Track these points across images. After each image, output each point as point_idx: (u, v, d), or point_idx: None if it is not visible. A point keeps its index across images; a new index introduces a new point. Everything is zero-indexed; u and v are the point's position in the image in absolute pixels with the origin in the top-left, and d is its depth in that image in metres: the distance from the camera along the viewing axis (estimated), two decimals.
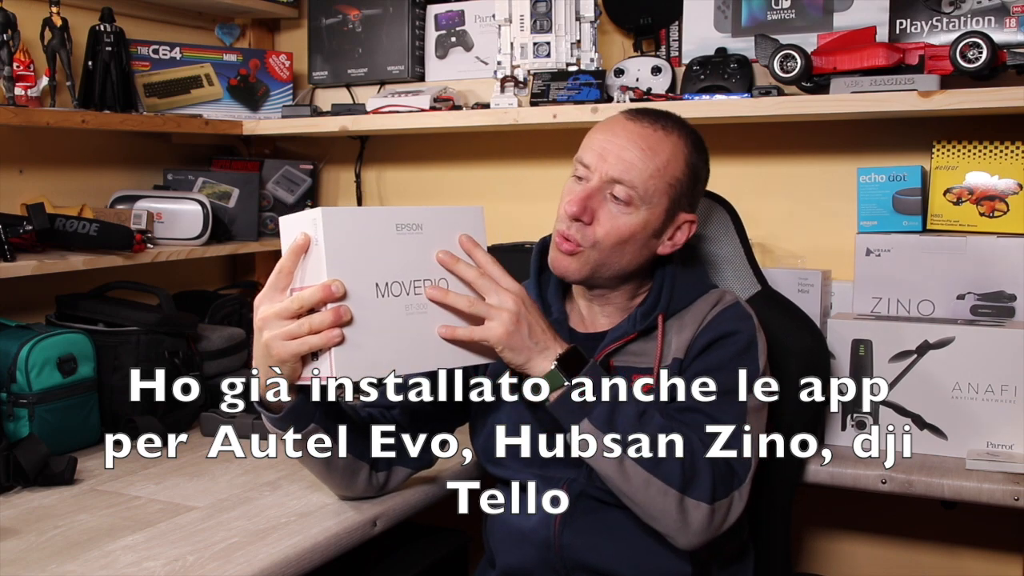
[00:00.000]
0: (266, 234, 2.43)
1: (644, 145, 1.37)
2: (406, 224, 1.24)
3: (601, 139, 1.39)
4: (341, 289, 1.17)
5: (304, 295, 1.18)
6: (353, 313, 1.18)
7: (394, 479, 1.47)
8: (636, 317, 1.42)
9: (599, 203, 1.37)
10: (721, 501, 1.28)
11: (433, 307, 1.25)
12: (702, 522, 1.26)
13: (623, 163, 1.36)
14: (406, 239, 1.24)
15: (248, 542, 1.32)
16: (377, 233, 1.22)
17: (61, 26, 1.97)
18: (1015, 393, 1.62)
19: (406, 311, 1.23)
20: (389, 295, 1.22)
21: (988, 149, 1.79)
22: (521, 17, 2.03)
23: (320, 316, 1.17)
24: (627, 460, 1.25)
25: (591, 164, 1.38)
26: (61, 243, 1.88)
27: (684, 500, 1.26)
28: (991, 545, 1.96)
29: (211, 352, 2.01)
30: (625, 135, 1.38)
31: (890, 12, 1.89)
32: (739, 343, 1.38)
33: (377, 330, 1.20)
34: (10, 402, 1.66)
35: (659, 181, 1.37)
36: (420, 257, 1.25)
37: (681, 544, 1.29)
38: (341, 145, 2.51)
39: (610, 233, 1.36)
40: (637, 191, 1.36)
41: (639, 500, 1.27)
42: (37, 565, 1.25)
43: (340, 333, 1.17)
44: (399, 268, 1.23)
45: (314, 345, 1.18)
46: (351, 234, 1.20)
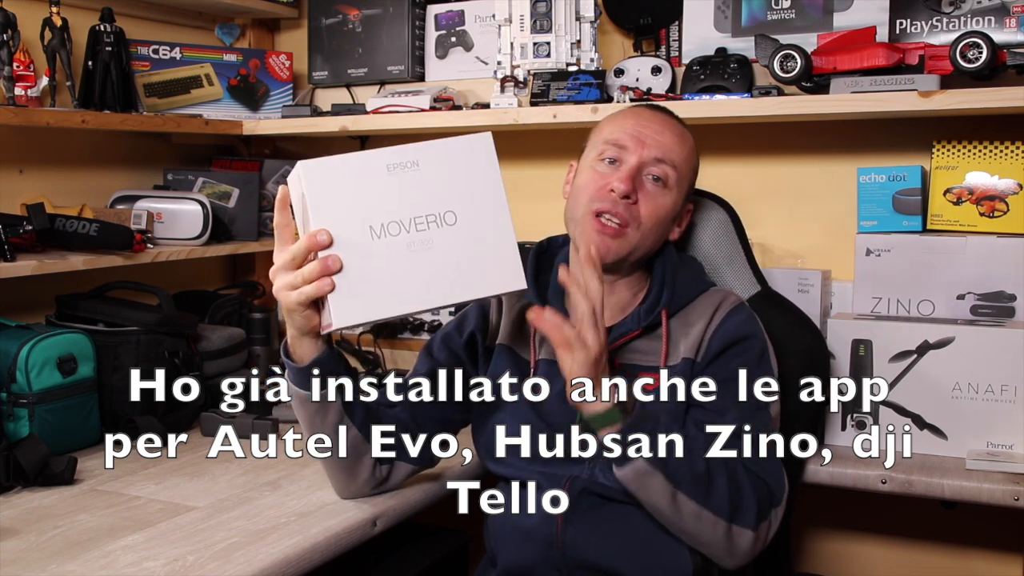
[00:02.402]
0: (266, 234, 2.43)
1: (676, 132, 1.46)
2: (398, 163, 1.24)
3: (633, 123, 1.44)
4: (327, 237, 1.19)
5: (294, 247, 1.22)
6: (346, 259, 1.20)
7: (395, 475, 1.47)
8: (640, 314, 1.43)
9: (639, 183, 1.41)
10: (763, 524, 1.31)
11: (439, 241, 1.24)
12: (747, 547, 1.30)
13: (663, 146, 1.42)
14: (401, 177, 1.24)
15: (248, 542, 1.32)
16: (366, 176, 1.22)
17: (61, 26, 1.97)
18: (1015, 393, 1.62)
19: (408, 249, 1.23)
20: (386, 235, 1.22)
21: (988, 149, 1.79)
22: (521, 17, 2.03)
23: (310, 266, 1.20)
24: (679, 495, 1.27)
25: (629, 146, 1.41)
26: (61, 243, 1.88)
27: (732, 528, 1.29)
28: (991, 545, 1.96)
29: (211, 352, 2.01)
30: (658, 121, 1.45)
31: (890, 12, 1.89)
32: (754, 350, 1.40)
33: (377, 272, 1.21)
34: (10, 402, 1.66)
35: (689, 166, 1.46)
36: (420, 194, 1.24)
37: (727, 566, 1.33)
38: (341, 145, 2.51)
39: (651, 213, 1.41)
40: (678, 171, 1.42)
41: (689, 531, 1.30)
42: (37, 565, 1.25)
43: (330, 282, 1.19)
44: (395, 208, 1.23)
45: (309, 294, 1.21)
46: (335, 182, 1.21)
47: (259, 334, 2.23)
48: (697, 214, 1.66)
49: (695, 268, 1.52)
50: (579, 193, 1.43)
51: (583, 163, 1.47)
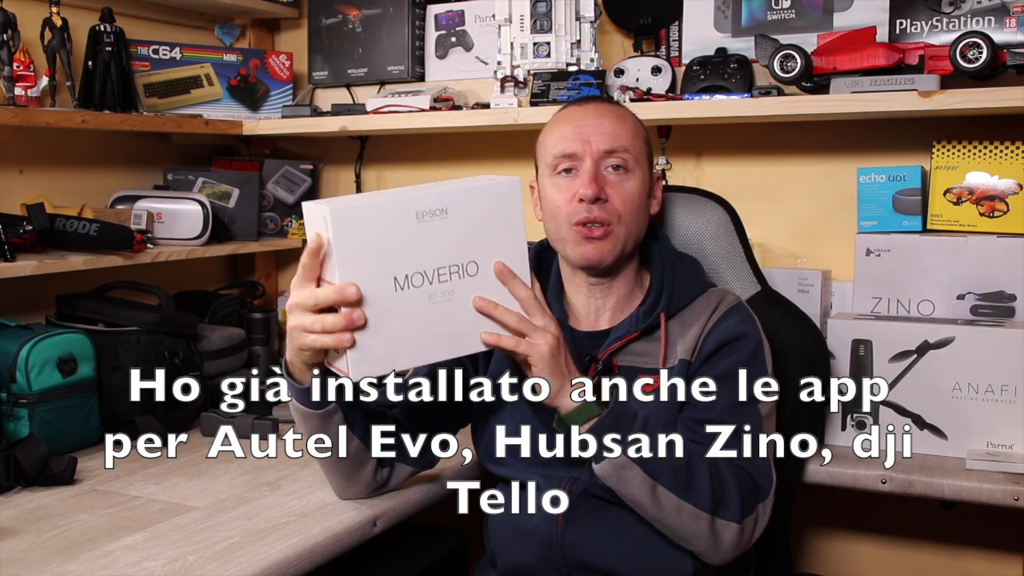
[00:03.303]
0: (266, 234, 2.43)
1: (613, 115, 1.43)
2: (428, 211, 1.19)
3: (571, 127, 1.42)
4: (355, 294, 1.16)
5: (319, 294, 1.18)
6: (368, 314, 1.17)
7: (396, 477, 1.47)
8: (638, 316, 1.43)
9: (603, 180, 1.39)
10: (748, 518, 1.31)
11: (460, 293, 1.22)
12: (732, 541, 1.30)
13: (607, 135, 1.40)
14: (428, 226, 1.19)
15: (248, 542, 1.32)
16: (395, 226, 1.18)
17: (61, 26, 1.97)
18: (1015, 393, 1.62)
19: (429, 300, 1.20)
20: (410, 287, 1.19)
21: (988, 149, 1.79)
22: (521, 17, 2.03)
23: (333, 319, 1.17)
24: (659, 488, 1.27)
25: (576, 150, 1.40)
26: (61, 243, 1.88)
27: (715, 522, 1.29)
28: (991, 545, 1.96)
29: (211, 352, 2.01)
30: (593, 113, 1.43)
31: (890, 12, 1.89)
32: (747, 348, 1.39)
33: (396, 324, 1.19)
34: (10, 402, 1.66)
35: (639, 141, 1.43)
36: (446, 244, 1.21)
37: (713, 561, 1.33)
38: (341, 145, 2.51)
39: (626, 202, 1.40)
40: (631, 153, 1.41)
41: (671, 524, 1.30)
42: (37, 565, 1.25)
43: (351, 338, 1.17)
44: (421, 258, 1.19)
45: (326, 344, 1.19)
46: (364, 231, 1.16)
47: (259, 334, 2.22)
48: (697, 214, 1.66)
49: (695, 269, 1.52)
50: (553, 214, 1.42)
51: (542, 183, 1.46)
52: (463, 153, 2.37)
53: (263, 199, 2.41)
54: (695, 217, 1.66)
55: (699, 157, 2.13)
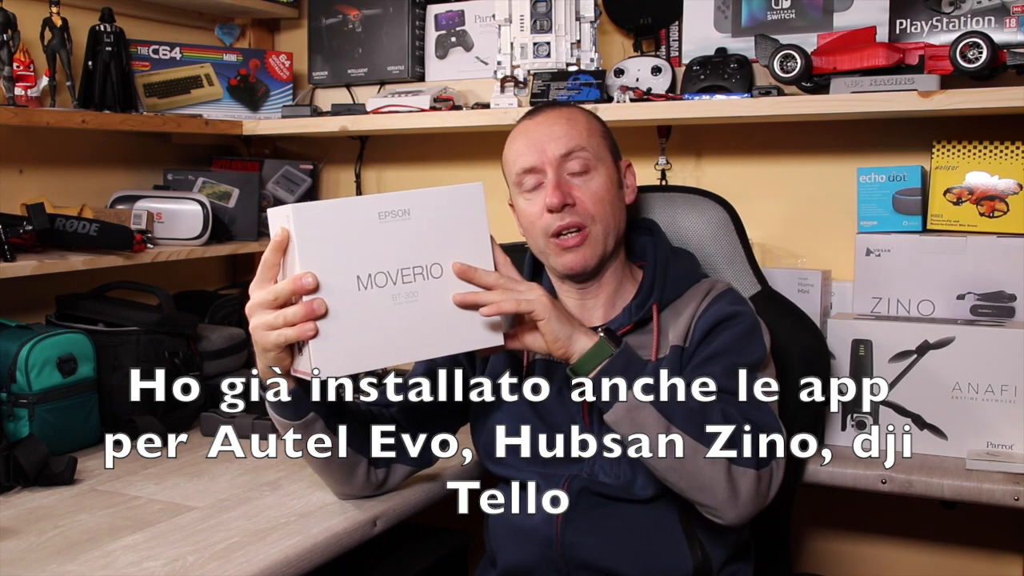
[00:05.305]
0: (266, 234, 2.41)
1: (562, 120, 1.44)
2: (390, 211, 1.21)
3: (524, 141, 1.43)
4: (313, 281, 1.16)
5: (278, 287, 1.18)
6: (331, 306, 1.17)
7: (393, 477, 1.47)
8: (631, 309, 1.43)
9: (568, 186, 1.40)
10: (764, 469, 1.27)
11: (424, 294, 1.22)
12: (750, 490, 1.25)
13: (560, 140, 1.41)
14: (391, 227, 1.21)
15: (248, 542, 1.32)
16: (357, 225, 1.19)
17: (61, 26, 1.97)
18: (1015, 393, 1.62)
19: (393, 301, 1.21)
20: (373, 286, 1.20)
21: (988, 149, 1.79)
22: (521, 17, 2.03)
23: (293, 309, 1.17)
24: (673, 429, 1.23)
25: (534, 163, 1.41)
26: (61, 243, 1.88)
27: (732, 468, 1.24)
28: (991, 545, 1.96)
29: (211, 352, 2.01)
30: (543, 123, 1.44)
31: (890, 12, 1.89)
32: (743, 324, 1.39)
33: (359, 323, 1.19)
34: (10, 402, 1.66)
35: (595, 137, 1.44)
36: (409, 244, 1.22)
37: (730, 518, 1.27)
38: (341, 145, 2.51)
39: (595, 200, 1.40)
40: (589, 152, 1.41)
41: (688, 470, 1.24)
42: (37, 565, 1.25)
43: (313, 327, 1.16)
44: (384, 259, 1.20)
45: (289, 337, 1.18)
46: (326, 229, 1.18)
47: None
48: (697, 214, 1.66)
49: (690, 263, 1.52)
50: (529, 230, 1.44)
51: (515, 201, 1.47)
52: (463, 153, 2.37)
53: (263, 199, 2.41)
54: (695, 217, 1.66)
55: (699, 157, 2.13)
